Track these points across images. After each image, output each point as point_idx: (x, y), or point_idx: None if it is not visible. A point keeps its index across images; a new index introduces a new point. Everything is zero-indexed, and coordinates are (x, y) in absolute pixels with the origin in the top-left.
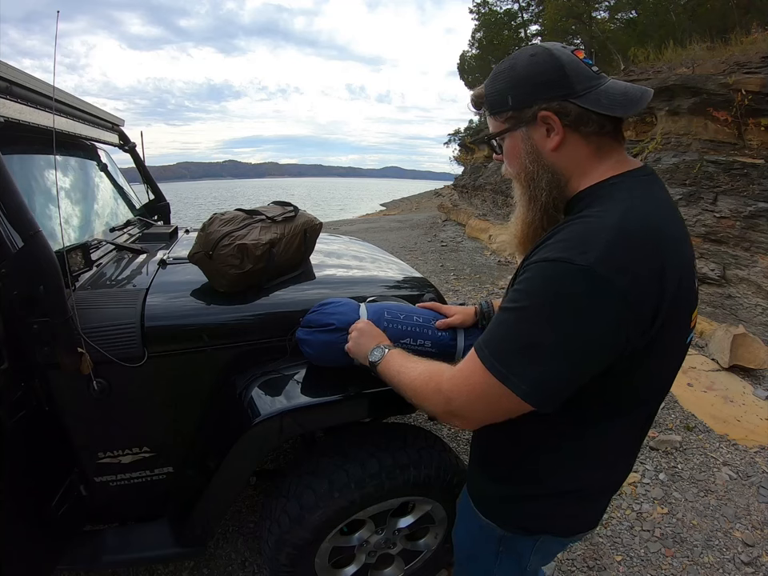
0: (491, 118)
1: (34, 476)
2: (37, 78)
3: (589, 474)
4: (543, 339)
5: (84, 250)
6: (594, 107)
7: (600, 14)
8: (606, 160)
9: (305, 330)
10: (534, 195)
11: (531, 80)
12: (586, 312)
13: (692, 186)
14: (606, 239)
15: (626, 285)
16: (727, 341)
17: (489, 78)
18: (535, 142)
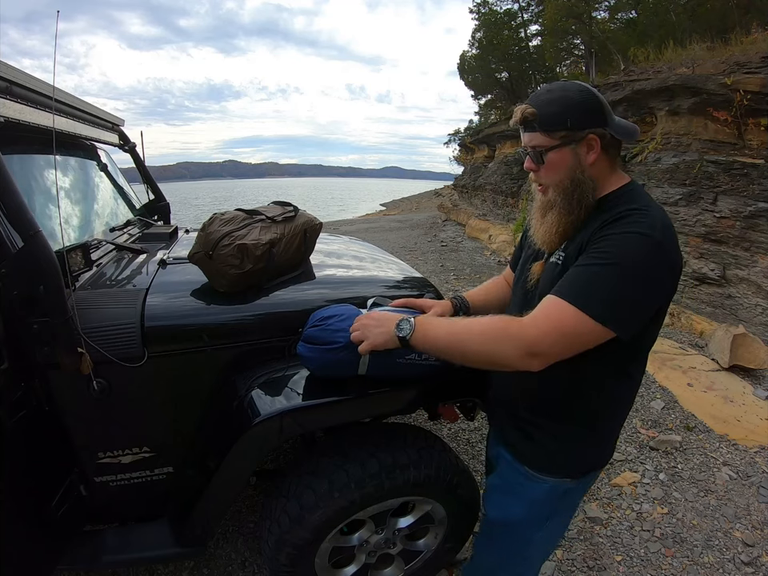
0: (542, 134)
1: (34, 476)
2: (37, 77)
3: (624, 410)
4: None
5: (84, 250)
6: (618, 135)
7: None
8: (615, 172)
9: (307, 347)
10: (580, 197)
11: (585, 109)
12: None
13: (692, 186)
14: (661, 224)
15: (674, 253)
16: (727, 341)
17: (541, 102)
18: (580, 156)
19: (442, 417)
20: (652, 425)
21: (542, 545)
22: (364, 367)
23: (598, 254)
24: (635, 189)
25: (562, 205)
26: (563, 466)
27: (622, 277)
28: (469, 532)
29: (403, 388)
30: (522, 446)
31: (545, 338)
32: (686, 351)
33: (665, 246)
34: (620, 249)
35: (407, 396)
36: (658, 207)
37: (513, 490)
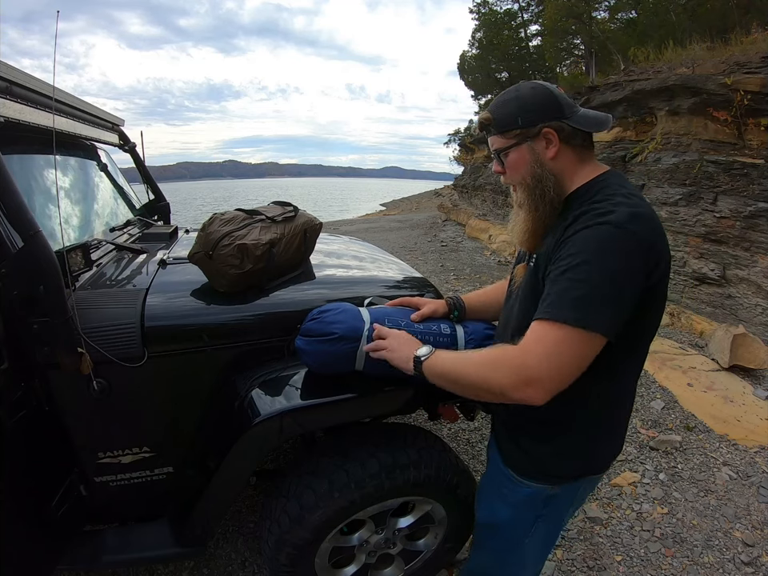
0: (499, 136)
1: (34, 476)
2: (37, 77)
3: (618, 411)
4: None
5: (84, 250)
6: (579, 126)
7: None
8: (587, 164)
9: (305, 340)
10: (542, 193)
11: (535, 106)
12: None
13: (692, 186)
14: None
15: (645, 235)
16: (727, 341)
17: (496, 105)
18: (538, 152)
19: (441, 417)
20: (652, 425)
21: (533, 550)
22: (361, 362)
23: (562, 261)
24: (607, 179)
25: (528, 203)
26: (546, 473)
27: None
28: (469, 532)
29: (403, 388)
30: (509, 449)
31: (535, 363)
32: (685, 351)
33: (626, 228)
34: (580, 248)
35: (407, 396)
36: (626, 194)
37: (499, 493)
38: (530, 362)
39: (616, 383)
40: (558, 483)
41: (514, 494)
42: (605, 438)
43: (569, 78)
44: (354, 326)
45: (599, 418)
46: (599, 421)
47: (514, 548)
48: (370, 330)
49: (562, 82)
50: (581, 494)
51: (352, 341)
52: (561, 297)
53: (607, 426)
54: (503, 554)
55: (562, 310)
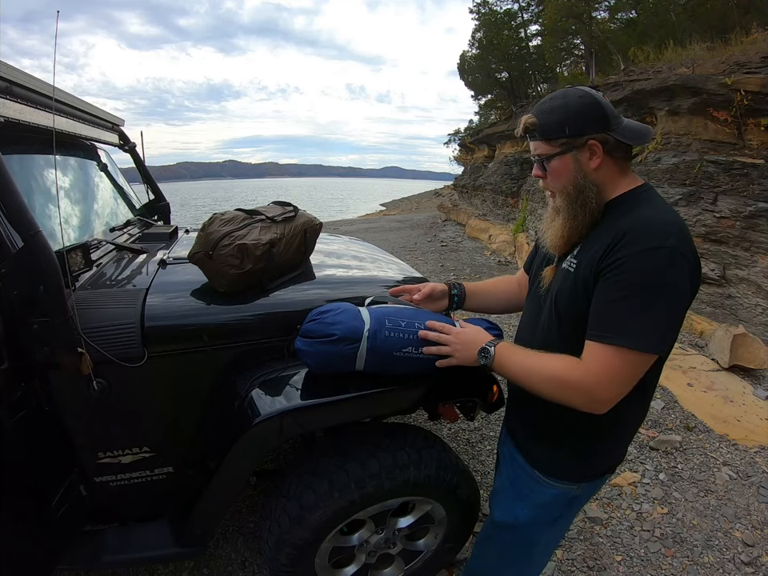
0: (543, 142)
1: (34, 476)
2: (37, 77)
3: (641, 411)
4: (663, 304)
5: (84, 250)
6: (622, 138)
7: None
8: (626, 176)
9: (305, 341)
10: (583, 203)
11: (582, 116)
12: (678, 276)
13: (692, 186)
14: (676, 229)
15: (692, 257)
16: (727, 341)
17: (542, 111)
18: (582, 162)
19: (442, 417)
20: (652, 425)
21: (546, 546)
22: (362, 362)
23: (621, 284)
24: (645, 192)
25: (567, 210)
26: (574, 472)
27: (650, 300)
28: (469, 532)
29: (403, 388)
30: (535, 450)
31: (604, 387)
32: (686, 351)
33: (680, 250)
34: (640, 271)
35: (407, 396)
36: (669, 211)
37: (521, 494)
38: (599, 388)
39: (645, 390)
40: (586, 481)
41: (538, 496)
42: (625, 439)
43: (569, 78)
44: (353, 326)
45: (627, 420)
46: (626, 422)
47: (528, 547)
48: (370, 331)
49: (562, 82)
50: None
51: (352, 342)
52: (624, 322)
53: (629, 427)
54: (515, 551)
55: (629, 337)
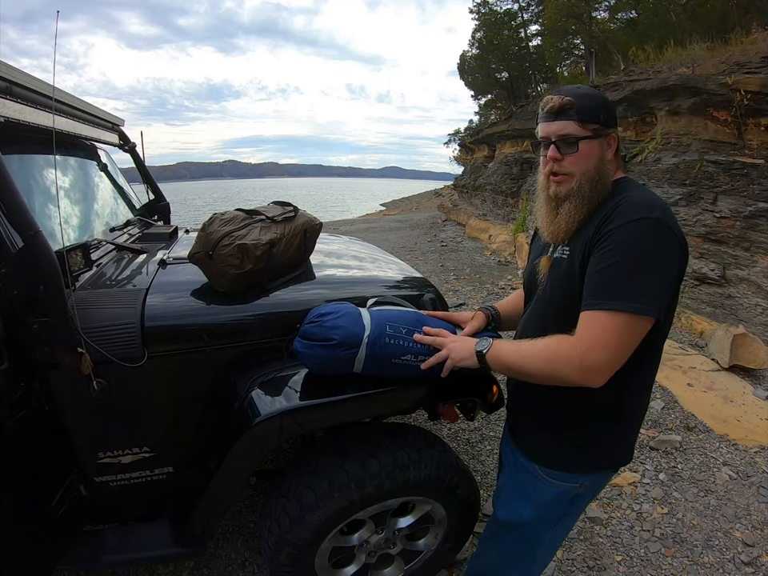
0: (576, 123)
1: (34, 476)
2: (37, 77)
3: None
4: (651, 269)
5: (84, 250)
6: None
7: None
8: (618, 170)
9: (304, 343)
10: (601, 188)
11: (611, 110)
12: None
13: (692, 186)
14: (661, 204)
15: (676, 229)
16: (727, 341)
17: (577, 95)
18: (604, 150)
19: (442, 417)
20: (652, 425)
21: (550, 546)
22: (360, 366)
23: (609, 253)
24: (630, 180)
25: (582, 194)
26: (575, 465)
27: (638, 264)
28: (469, 532)
29: (403, 388)
30: (536, 446)
31: (595, 353)
32: (686, 351)
33: (665, 221)
34: (627, 239)
35: (407, 396)
36: (651, 193)
37: (524, 493)
38: (591, 354)
39: (642, 377)
40: (587, 474)
41: (540, 494)
42: (626, 428)
43: (569, 78)
44: (353, 332)
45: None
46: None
47: (532, 546)
48: (370, 337)
49: (562, 82)
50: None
51: (351, 347)
52: (612, 286)
53: (630, 416)
54: (519, 550)
55: (617, 299)
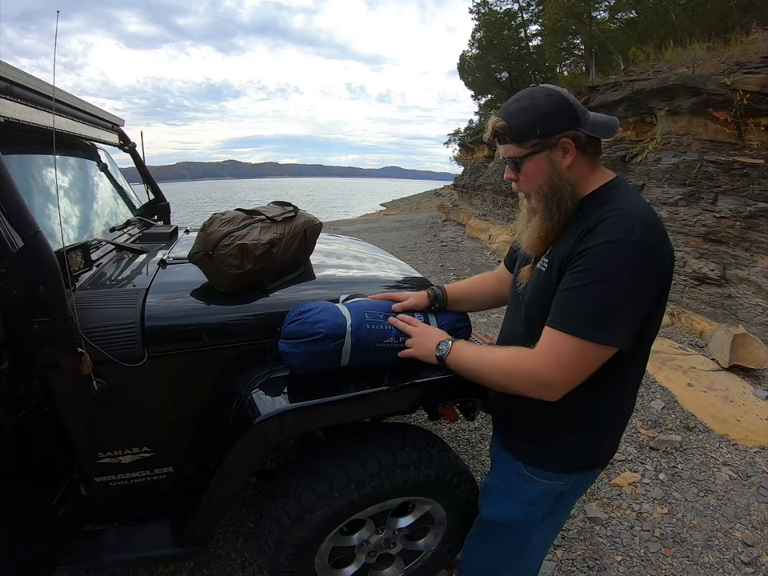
0: (515, 145)
1: (34, 476)
2: (36, 77)
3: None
4: (621, 297)
5: (84, 250)
6: (592, 133)
7: (600, 14)
8: (596, 171)
9: (289, 343)
10: (559, 203)
11: (553, 114)
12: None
13: (692, 186)
14: (641, 222)
15: (662, 249)
16: (727, 341)
17: (510, 114)
18: (555, 161)
19: (442, 417)
20: (652, 425)
21: (539, 544)
22: (347, 357)
23: (581, 273)
24: (616, 186)
25: (543, 211)
26: (560, 464)
27: (608, 291)
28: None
29: (403, 388)
30: (522, 446)
31: (551, 371)
32: (686, 351)
33: (645, 244)
34: (600, 263)
35: (407, 396)
36: (638, 204)
37: (509, 491)
38: (547, 371)
39: (624, 382)
40: (573, 473)
41: (526, 492)
42: (612, 431)
43: (569, 77)
44: (337, 323)
45: (609, 412)
46: (609, 414)
47: (521, 544)
48: (353, 326)
49: (562, 82)
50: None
51: (337, 338)
52: (578, 310)
53: (615, 419)
54: (509, 549)
55: (580, 325)
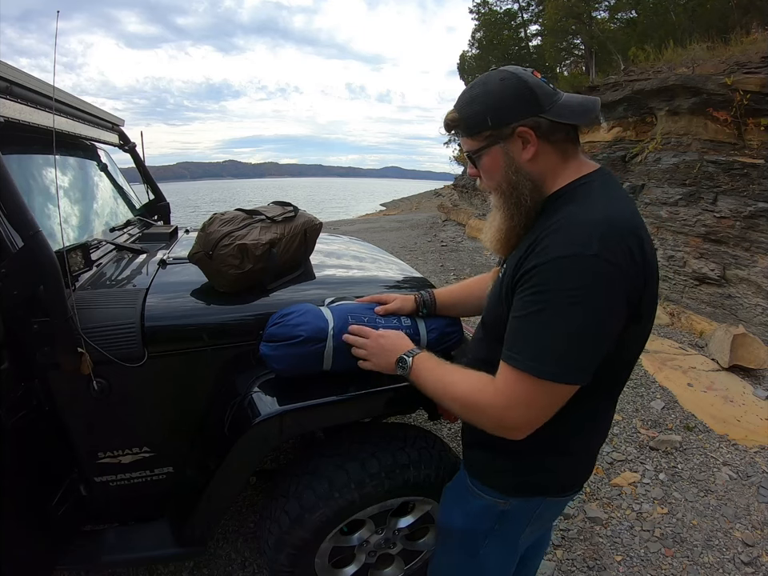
0: (468, 138)
1: (34, 476)
2: (37, 77)
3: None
4: (576, 327)
5: (84, 250)
6: (560, 119)
7: (600, 14)
8: (571, 162)
9: (270, 346)
10: (518, 201)
11: (506, 101)
12: (601, 291)
13: (692, 186)
14: (601, 231)
15: (627, 266)
16: (727, 341)
17: (462, 103)
18: (513, 154)
19: (442, 417)
20: (652, 425)
21: (491, 562)
22: (329, 362)
23: (532, 297)
24: (589, 182)
25: (504, 210)
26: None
27: (568, 321)
28: None
29: (403, 387)
30: (467, 451)
31: (513, 414)
32: (686, 351)
33: (606, 259)
34: (553, 286)
35: (407, 396)
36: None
37: (457, 499)
38: (508, 414)
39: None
40: (511, 496)
41: (469, 504)
42: (567, 462)
43: (569, 77)
44: (318, 326)
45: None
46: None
47: (471, 557)
48: (335, 329)
49: (562, 82)
50: (539, 515)
51: (318, 341)
52: (539, 347)
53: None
54: (460, 559)
55: (543, 365)
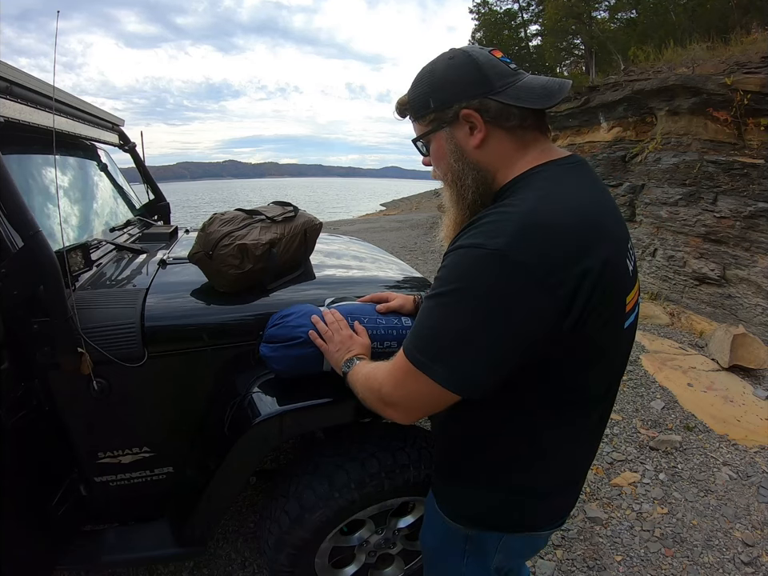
0: (416, 123)
1: (34, 476)
2: (36, 77)
3: (542, 470)
4: (459, 325)
5: (84, 250)
6: (514, 102)
7: (600, 14)
8: (530, 151)
9: (270, 347)
10: (461, 194)
11: (450, 81)
12: (498, 295)
13: (692, 186)
14: (518, 224)
15: (537, 266)
16: (727, 341)
17: (411, 85)
18: (459, 140)
19: None
20: (652, 425)
21: None
22: (328, 363)
23: (432, 285)
24: (539, 172)
25: (453, 202)
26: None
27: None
28: None
29: None
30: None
31: (390, 390)
32: (686, 351)
33: (507, 257)
34: (447, 274)
35: None
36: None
37: (428, 517)
38: (386, 387)
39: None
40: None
41: (435, 524)
42: (526, 495)
43: (569, 78)
44: None
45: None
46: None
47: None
48: None
49: None
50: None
51: None
52: (420, 330)
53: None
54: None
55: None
